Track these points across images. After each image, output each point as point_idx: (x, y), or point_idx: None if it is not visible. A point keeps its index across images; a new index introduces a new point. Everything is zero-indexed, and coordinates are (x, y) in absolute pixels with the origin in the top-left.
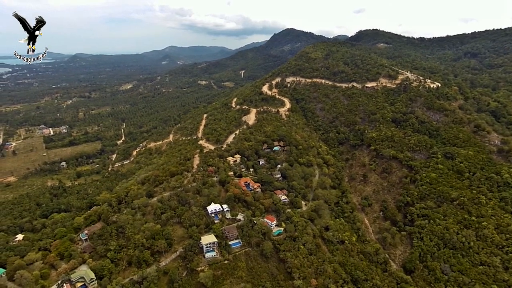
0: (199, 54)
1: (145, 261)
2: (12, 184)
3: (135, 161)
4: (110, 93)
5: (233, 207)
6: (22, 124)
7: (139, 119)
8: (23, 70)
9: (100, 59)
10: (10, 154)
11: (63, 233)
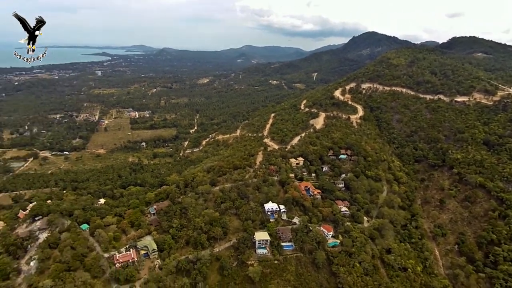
0: (273, 54)
1: (201, 243)
2: (101, 155)
3: (204, 150)
4: (188, 85)
5: (290, 209)
6: (115, 105)
7: (211, 111)
8: (120, 59)
9: (183, 54)
10: (102, 130)
11: (136, 204)
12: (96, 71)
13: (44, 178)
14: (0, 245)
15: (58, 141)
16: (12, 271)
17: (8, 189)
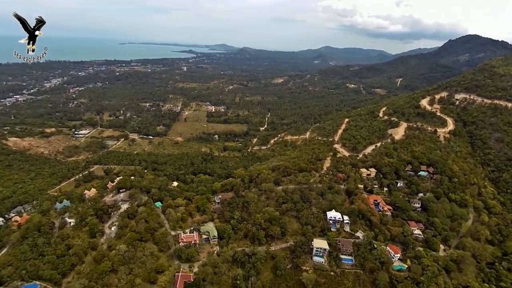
0: (353, 56)
1: (258, 239)
2: (179, 143)
3: (271, 148)
4: (263, 84)
5: (354, 222)
6: (195, 99)
7: (282, 111)
8: (203, 57)
9: (261, 54)
10: (182, 120)
11: (203, 191)
12: (182, 67)
13: (130, 157)
14: (92, 208)
15: (145, 126)
16: (98, 231)
17: (102, 162)
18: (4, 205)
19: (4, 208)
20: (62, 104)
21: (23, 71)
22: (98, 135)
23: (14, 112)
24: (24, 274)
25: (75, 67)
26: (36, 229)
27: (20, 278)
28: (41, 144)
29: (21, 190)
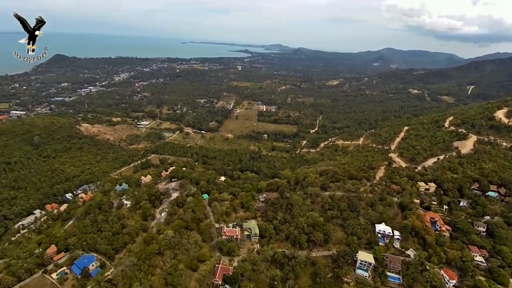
0: (418, 60)
1: (299, 243)
2: (229, 139)
3: (320, 152)
4: (317, 86)
5: (405, 239)
6: (247, 97)
7: (335, 115)
8: (258, 57)
9: (316, 55)
10: (234, 117)
11: (249, 188)
12: (237, 66)
13: (183, 149)
14: (146, 193)
15: (199, 121)
16: (149, 215)
17: (158, 152)
18: (73, 182)
19: (73, 185)
20: (128, 97)
21: (97, 66)
22: (157, 126)
23: (88, 101)
24: (84, 245)
25: (141, 63)
26: (97, 207)
27: (81, 248)
28: (108, 131)
29: (88, 170)
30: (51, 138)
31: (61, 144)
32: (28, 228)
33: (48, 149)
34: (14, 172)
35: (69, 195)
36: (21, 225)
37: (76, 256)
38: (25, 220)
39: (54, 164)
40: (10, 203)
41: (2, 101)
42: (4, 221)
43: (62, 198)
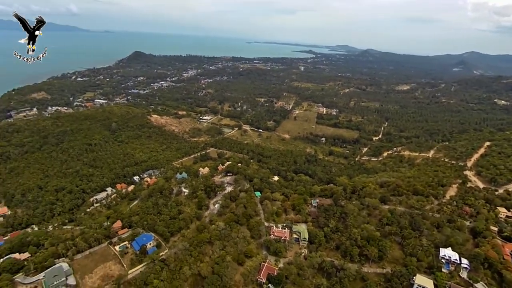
0: (509, 66)
1: (351, 255)
2: (285, 140)
3: (383, 162)
4: (384, 90)
5: (475, 269)
6: (307, 99)
7: (403, 123)
8: (322, 58)
9: (386, 57)
10: (292, 118)
11: (301, 191)
12: (299, 66)
13: (240, 145)
14: (203, 184)
15: (257, 120)
16: (204, 205)
17: (217, 146)
18: (141, 166)
19: (140, 169)
20: (193, 92)
21: (169, 62)
22: (217, 122)
23: (159, 95)
24: (145, 225)
25: (207, 62)
26: (159, 191)
27: (142, 227)
28: (174, 123)
29: (154, 157)
30: (125, 125)
31: (134, 131)
32: (100, 202)
33: (123, 135)
34: (94, 153)
35: (136, 177)
36: (95, 199)
37: (137, 233)
38: (98, 195)
39: (126, 149)
40: (88, 179)
41: (89, 90)
42: (82, 194)
43: (130, 180)
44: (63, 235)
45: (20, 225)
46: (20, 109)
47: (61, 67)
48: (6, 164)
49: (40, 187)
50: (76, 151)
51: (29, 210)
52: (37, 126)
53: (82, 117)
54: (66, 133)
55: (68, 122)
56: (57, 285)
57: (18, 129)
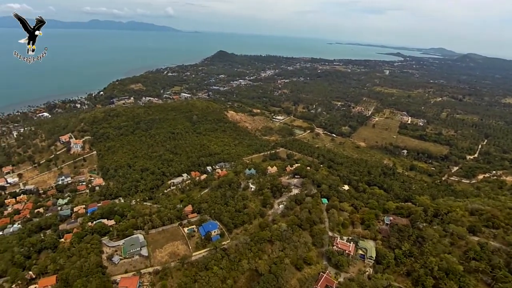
0: None
1: (423, 286)
2: (360, 148)
3: (476, 185)
4: (486, 102)
5: None
6: (390, 106)
7: (508, 142)
8: (412, 61)
9: (491, 63)
10: (370, 125)
11: (373, 206)
12: (384, 70)
13: (311, 148)
14: (269, 183)
15: (331, 124)
16: (268, 204)
17: (287, 147)
18: (214, 158)
19: (213, 161)
20: (269, 92)
21: (249, 62)
22: (290, 122)
23: (236, 92)
24: (212, 213)
25: (286, 62)
26: (228, 184)
27: (209, 214)
28: (247, 120)
29: (227, 151)
30: (204, 118)
31: (211, 125)
32: (176, 186)
33: (201, 127)
34: (175, 141)
35: (209, 168)
36: (172, 183)
37: (204, 220)
38: (175, 179)
39: (203, 140)
40: (168, 164)
41: (176, 85)
42: (162, 176)
43: (204, 169)
44: (142, 210)
45: (110, 195)
46: (120, 97)
47: (156, 63)
48: (105, 143)
49: (129, 165)
50: (161, 138)
51: (119, 184)
52: (132, 113)
53: (169, 108)
54: (154, 121)
55: (157, 112)
56: (133, 253)
57: (118, 114)
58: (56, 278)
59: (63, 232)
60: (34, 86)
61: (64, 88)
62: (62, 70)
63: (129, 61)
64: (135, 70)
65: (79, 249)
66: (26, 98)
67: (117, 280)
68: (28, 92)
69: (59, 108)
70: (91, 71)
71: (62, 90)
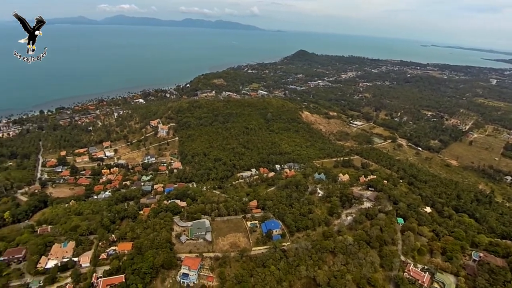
0: None
1: None
2: (451, 166)
3: None
4: None
5: None
6: (494, 121)
7: None
8: None
9: None
10: (466, 142)
11: (460, 236)
12: (490, 79)
13: (390, 160)
14: (339, 191)
15: (417, 136)
16: (336, 213)
17: (363, 155)
18: (283, 157)
19: (282, 160)
20: (348, 95)
21: (330, 62)
22: (368, 129)
23: (313, 93)
24: (276, 212)
25: (370, 64)
26: (295, 185)
27: (272, 213)
28: (322, 123)
29: (297, 151)
30: (278, 117)
31: (284, 124)
32: (244, 179)
33: (274, 125)
34: (248, 136)
35: (278, 166)
36: (241, 175)
37: (267, 217)
38: (244, 173)
39: (274, 138)
40: (240, 157)
41: (255, 82)
42: (232, 168)
43: (272, 167)
44: (211, 197)
45: (185, 179)
46: (203, 90)
47: (238, 60)
48: (187, 131)
49: (205, 154)
50: (236, 131)
51: (194, 170)
52: (212, 105)
53: (246, 104)
54: (231, 115)
55: (235, 106)
56: (198, 236)
57: (200, 106)
58: (132, 245)
59: (143, 205)
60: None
61: (158, 79)
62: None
63: (214, 58)
64: (218, 66)
65: (153, 223)
66: (127, 86)
67: (182, 258)
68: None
69: (152, 96)
70: (181, 66)
71: (157, 81)
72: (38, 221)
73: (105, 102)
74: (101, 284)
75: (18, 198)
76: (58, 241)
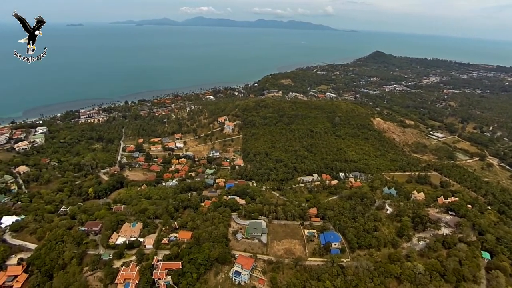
0: None
1: None
2: None
3: None
4: None
5: None
6: None
7: None
8: None
9: None
10: None
11: None
12: None
13: (477, 181)
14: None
15: None
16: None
17: (442, 172)
18: (349, 165)
19: (348, 168)
20: (430, 102)
21: (409, 65)
22: (451, 143)
23: (388, 98)
24: (336, 224)
25: (458, 69)
26: (360, 197)
27: (333, 224)
28: (396, 131)
29: (365, 160)
30: (347, 122)
31: (353, 129)
32: (305, 184)
33: (342, 130)
34: (313, 139)
35: (342, 174)
36: (302, 179)
37: (326, 227)
38: (305, 177)
39: (341, 144)
40: (302, 160)
41: (323, 83)
42: (293, 171)
43: (336, 174)
44: (270, 199)
45: (246, 176)
46: (270, 90)
47: (307, 60)
48: (251, 129)
49: (267, 153)
50: (300, 134)
51: (255, 168)
52: (278, 106)
53: (313, 106)
54: (296, 117)
55: (301, 108)
56: (254, 236)
57: (266, 105)
58: (192, 234)
59: (205, 197)
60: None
61: (228, 77)
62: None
63: (282, 58)
64: (287, 66)
65: (212, 217)
66: (200, 82)
67: (236, 255)
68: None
69: (222, 93)
70: (250, 65)
71: (227, 79)
72: (114, 199)
73: (180, 97)
74: (160, 267)
75: (101, 177)
76: (128, 221)
